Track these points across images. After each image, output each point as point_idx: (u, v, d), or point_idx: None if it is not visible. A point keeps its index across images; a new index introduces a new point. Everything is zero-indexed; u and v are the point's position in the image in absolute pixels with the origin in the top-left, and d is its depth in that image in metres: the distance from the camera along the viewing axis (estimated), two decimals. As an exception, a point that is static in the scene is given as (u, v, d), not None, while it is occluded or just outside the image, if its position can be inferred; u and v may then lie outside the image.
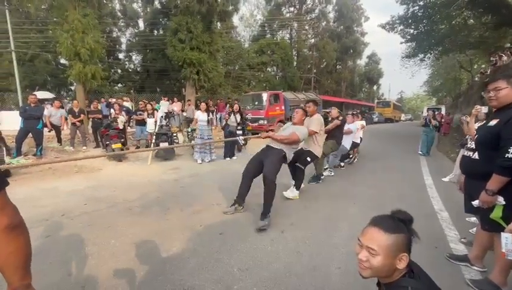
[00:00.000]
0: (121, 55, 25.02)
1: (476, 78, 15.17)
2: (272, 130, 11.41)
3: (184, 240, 2.63)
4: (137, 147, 8.07)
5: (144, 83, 23.15)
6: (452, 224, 3.07)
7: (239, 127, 7.28)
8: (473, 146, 1.90)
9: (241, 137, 6.21)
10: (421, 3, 13.12)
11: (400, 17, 14.68)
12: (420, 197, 4.06)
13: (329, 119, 5.40)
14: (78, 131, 7.77)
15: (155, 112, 8.15)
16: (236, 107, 7.28)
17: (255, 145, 9.26)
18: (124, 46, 24.78)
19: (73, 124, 7.63)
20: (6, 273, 0.73)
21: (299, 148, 3.86)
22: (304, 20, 29.48)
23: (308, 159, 4.00)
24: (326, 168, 5.38)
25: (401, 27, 15.21)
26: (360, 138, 6.59)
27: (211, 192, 4.17)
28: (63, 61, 18.23)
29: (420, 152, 8.09)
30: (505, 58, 10.20)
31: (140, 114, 8.00)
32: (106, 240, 2.61)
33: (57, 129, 7.69)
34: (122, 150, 6.47)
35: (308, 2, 30.53)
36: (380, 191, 4.35)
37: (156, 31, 23.19)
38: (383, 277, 0.93)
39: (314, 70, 29.44)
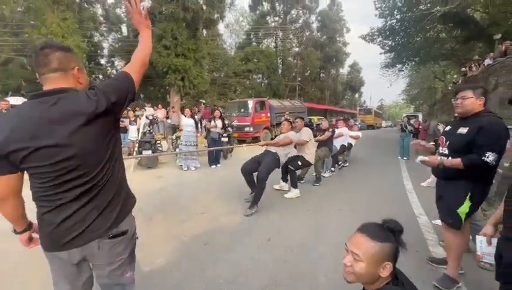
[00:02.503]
0: (102, 61, 24.36)
1: (449, 88, 16.13)
2: (258, 137, 11.48)
3: (168, 252, 2.54)
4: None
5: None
6: (431, 228, 3.19)
7: (224, 135, 7.22)
8: (446, 152, 2.00)
9: (244, 145, 6.63)
10: (398, 16, 13.90)
11: (378, 29, 15.46)
12: (401, 202, 4.19)
13: (315, 126, 5.82)
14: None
15: (137, 118, 7.95)
16: (217, 113, 7.23)
17: (241, 153, 9.25)
18: (106, 52, 24.17)
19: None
20: None
21: (294, 155, 4.32)
22: (289, 29, 30.24)
23: (299, 163, 4.34)
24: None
25: (380, 39, 16.01)
26: (350, 143, 6.80)
27: (196, 201, 4.08)
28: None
29: (399, 157, 8.46)
30: (474, 69, 10.95)
31: (122, 121, 7.77)
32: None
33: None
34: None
35: (292, 12, 31.40)
36: (364, 196, 4.46)
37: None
38: (366, 283, 0.94)
39: (299, 78, 30.10)
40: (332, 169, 6.21)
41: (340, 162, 6.72)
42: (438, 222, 3.16)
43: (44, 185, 0.98)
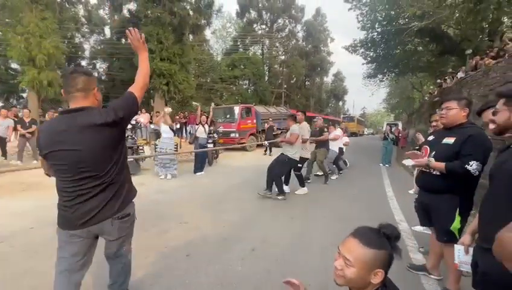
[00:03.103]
0: (83, 63, 23.52)
1: (426, 98, 17.01)
2: (244, 143, 11.45)
3: (147, 264, 2.43)
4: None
5: (109, 92, 21.90)
6: (411, 234, 3.27)
7: (210, 140, 7.14)
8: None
9: (266, 142, 7.80)
10: (379, 30, 14.55)
11: (361, 41, 16.09)
12: (383, 209, 4.29)
13: (316, 128, 6.23)
14: (28, 143, 6.98)
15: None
16: (204, 119, 7.16)
17: (227, 159, 9.17)
18: (87, 53, 23.40)
19: (23, 135, 6.85)
20: None
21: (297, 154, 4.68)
22: (275, 37, 30.80)
23: (299, 165, 4.84)
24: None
25: (362, 50, 16.66)
26: (341, 147, 6.99)
27: (178, 209, 3.96)
28: (14, 65, 16.58)
29: (381, 164, 8.73)
30: (448, 81, 11.62)
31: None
32: (54, 270, 2.30)
33: (2, 141, 6.83)
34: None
35: (279, 21, 32.06)
36: (347, 203, 4.53)
37: (123, 40, 22.36)
38: (355, 288, 0.92)
39: (285, 86, 30.56)
40: (341, 172, 6.84)
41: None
42: (418, 228, 3.26)
43: (66, 179, 1.36)
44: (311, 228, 3.38)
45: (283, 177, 4.76)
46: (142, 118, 10.95)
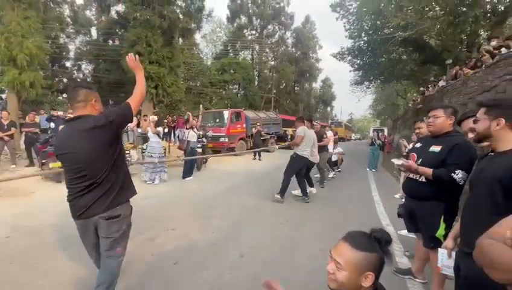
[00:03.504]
0: (68, 64, 22.83)
1: (410, 105, 17.63)
2: (233, 148, 11.41)
3: (133, 273, 2.35)
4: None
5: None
6: (397, 238, 3.34)
7: (199, 145, 7.07)
8: None
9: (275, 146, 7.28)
10: (365, 38, 15.03)
11: (348, 49, 16.55)
12: (370, 213, 4.37)
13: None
14: (6, 146, 6.66)
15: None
16: (194, 122, 7.09)
17: (216, 163, 9.09)
18: (72, 54, 22.72)
19: (0, 138, 6.53)
20: None
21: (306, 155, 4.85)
22: (265, 43, 31.12)
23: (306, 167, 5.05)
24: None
25: (350, 57, 17.13)
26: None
27: (165, 215, 3.88)
28: (-7, 65, 15.83)
29: (368, 169, 8.94)
30: (430, 89, 12.11)
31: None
32: (32, 280, 2.19)
33: (-22, 144, 6.49)
34: (62, 168, 5.68)
35: (269, 27, 32.45)
36: (335, 208, 4.58)
37: (111, 41, 21.92)
38: None
39: (274, 91, 30.85)
40: (339, 170, 7.59)
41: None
42: (403, 232, 3.33)
43: (69, 177, 1.60)
44: (300, 233, 3.39)
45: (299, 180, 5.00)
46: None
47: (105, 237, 1.65)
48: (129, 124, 6.38)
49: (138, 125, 11.17)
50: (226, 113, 12.15)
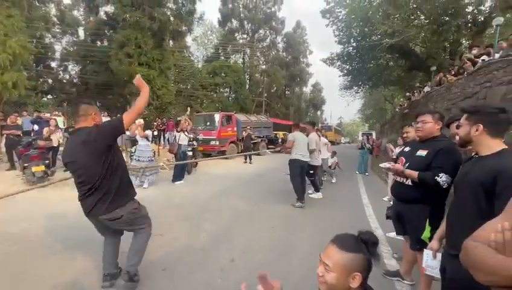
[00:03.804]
0: (53, 64, 22.16)
1: (397, 110, 18.14)
2: (224, 151, 11.35)
3: (119, 280, 2.27)
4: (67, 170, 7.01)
5: (82, 96, 20.79)
6: (385, 241, 3.40)
7: (189, 148, 6.99)
8: None
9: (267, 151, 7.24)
10: (354, 44, 15.39)
11: (337, 54, 16.90)
12: (359, 216, 4.43)
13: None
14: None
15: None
16: (185, 125, 7.01)
17: (207, 167, 9.01)
18: (58, 55, 22.09)
19: (-20, 141, 6.25)
20: None
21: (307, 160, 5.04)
22: (256, 47, 31.33)
23: (311, 171, 5.26)
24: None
25: (339, 63, 17.49)
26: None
27: (154, 220, 3.75)
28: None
29: (357, 172, 9.09)
30: (416, 95, 12.52)
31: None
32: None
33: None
34: (45, 173, 5.49)
35: (260, 32, 32.72)
36: (326, 211, 4.62)
37: (99, 42, 21.50)
38: None
39: (265, 94, 31.02)
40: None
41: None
42: (391, 234, 3.39)
43: (76, 182, 1.89)
44: (291, 237, 3.40)
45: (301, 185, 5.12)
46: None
47: (117, 228, 2.08)
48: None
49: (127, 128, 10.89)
50: (217, 117, 12.10)
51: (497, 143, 1.25)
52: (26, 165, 5.55)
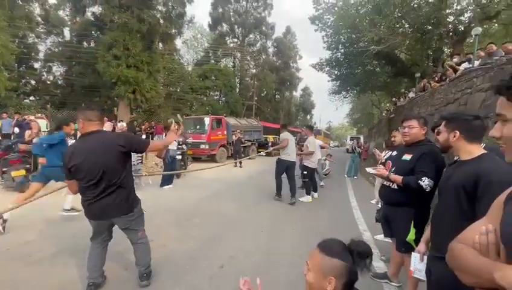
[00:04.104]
0: (37, 65, 21.41)
1: (384, 114, 18.63)
2: (214, 155, 11.26)
3: (108, 287, 2.20)
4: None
5: (67, 98, 20.16)
6: (373, 243, 3.45)
7: (178, 152, 6.89)
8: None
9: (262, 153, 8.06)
10: (342, 50, 15.75)
11: (326, 60, 17.24)
12: (348, 219, 4.49)
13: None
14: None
15: (77, 133, 7.04)
16: (174, 130, 6.89)
17: (195, 172, 8.88)
18: (42, 55, 21.37)
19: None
20: None
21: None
22: (246, 51, 31.48)
23: (305, 172, 5.49)
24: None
25: (328, 68, 17.82)
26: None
27: (142, 226, 3.68)
28: None
29: (346, 175, 9.22)
30: (401, 100, 12.91)
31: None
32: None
33: None
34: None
35: (250, 36, 32.92)
36: (315, 214, 4.65)
37: (85, 43, 20.98)
38: None
39: (256, 98, 31.10)
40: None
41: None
42: (379, 237, 3.45)
43: (87, 184, 1.93)
44: (281, 241, 3.39)
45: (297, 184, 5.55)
46: (104, 127, 10.22)
47: (127, 228, 2.23)
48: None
49: (114, 130, 10.68)
50: (207, 120, 12.01)
51: (475, 148, 1.31)
52: (4, 169, 5.30)
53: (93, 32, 19.60)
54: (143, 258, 2.25)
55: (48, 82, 21.80)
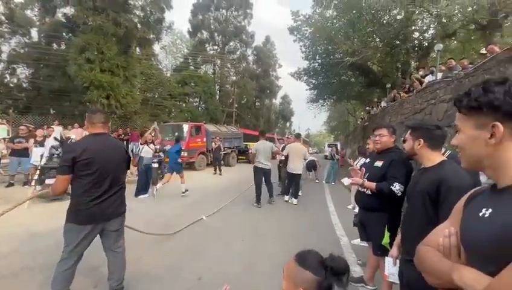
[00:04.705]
0: (-1, 66, 19.80)
1: (358, 122, 19.52)
2: (193, 162, 11.01)
3: (69, 311, 2.02)
4: (11, 185, 6.20)
5: (32, 102, 18.77)
6: (351, 248, 3.54)
7: (155, 160, 6.65)
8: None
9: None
10: (319, 61, 16.38)
11: (304, 69, 17.79)
12: (326, 225, 4.58)
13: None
14: None
15: (47, 139, 6.54)
16: (149, 137, 6.63)
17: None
18: (5, 56, 19.82)
19: None
20: None
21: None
22: (226, 58, 31.63)
23: (292, 178, 5.96)
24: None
25: (306, 77, 18.38)
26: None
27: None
28: None
29: (324, 181, 9.47)
30: (375, 109, 13.66)
31: (19, 141, 6.30)
32: None
33: None
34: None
35: (230, 44, 33.17)
36: (294, 220, 4.69)
37: (55, 45, 19.85)
38: None
39: (236, 105, 31.16)
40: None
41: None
42: (356, 241, 3.55)
43: (93, 181, 1.94)
44: (261, 250, 3.36)
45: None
46: (74, 134, 9.61)
47: (115, 230, 2.23)
48: (73, 137, 6.18)
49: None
50: (186, 127, 11.78)
51: (437, 155, 1.42)
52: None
53: (64, 34, 18.62)
54: (118, 271, 2.17)
55: (11, 85, 20.22)
